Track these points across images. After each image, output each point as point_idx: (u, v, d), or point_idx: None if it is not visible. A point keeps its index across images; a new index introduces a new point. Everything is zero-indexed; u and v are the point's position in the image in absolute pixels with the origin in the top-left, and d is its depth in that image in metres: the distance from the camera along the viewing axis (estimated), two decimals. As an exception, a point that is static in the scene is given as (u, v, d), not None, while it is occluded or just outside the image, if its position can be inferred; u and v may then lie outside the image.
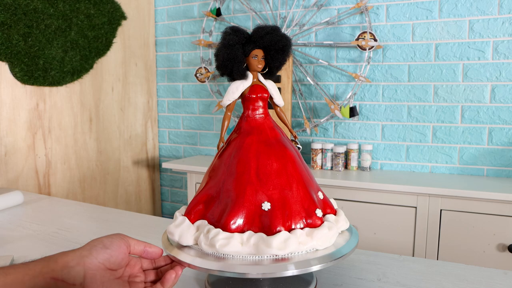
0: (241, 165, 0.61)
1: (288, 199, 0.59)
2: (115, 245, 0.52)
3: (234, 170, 0.61)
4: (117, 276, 0.52)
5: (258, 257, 0.54)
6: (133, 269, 0.55)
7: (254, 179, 0.59)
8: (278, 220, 0.57)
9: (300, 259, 0.54)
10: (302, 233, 0.56)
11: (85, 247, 0.50)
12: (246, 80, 0.65)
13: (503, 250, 1.34)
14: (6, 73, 1.52)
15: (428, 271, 0.71)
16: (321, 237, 0.57)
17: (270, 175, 0.60)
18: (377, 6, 1.73)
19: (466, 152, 1.65)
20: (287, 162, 0.62)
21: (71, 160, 1.80)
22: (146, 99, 2.23)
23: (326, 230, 0.58)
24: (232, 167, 0.61)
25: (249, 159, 0.61)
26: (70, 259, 0.48)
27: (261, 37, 0.64)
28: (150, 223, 1.04)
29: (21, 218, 1.08)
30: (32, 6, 1.55)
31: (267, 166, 0.60)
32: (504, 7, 1.54)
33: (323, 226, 0.59)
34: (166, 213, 2.39)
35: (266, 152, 0.62)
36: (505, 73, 1.56)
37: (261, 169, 0.60)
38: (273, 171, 0.60)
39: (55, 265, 0.46)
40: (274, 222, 0.56)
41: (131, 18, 2.07)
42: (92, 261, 0.48)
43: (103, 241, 0.52)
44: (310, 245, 0.56)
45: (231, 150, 0.63)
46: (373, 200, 1.51)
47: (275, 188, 0.59)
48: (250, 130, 0.65)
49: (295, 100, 1.90)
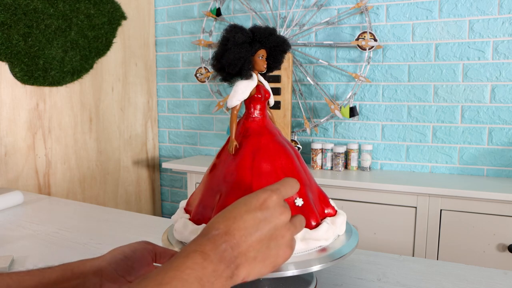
0: (267, 165, 0.61)
1: (312, 193, 0.62)
2: (137, 255, 0.48)
3: (261, 170, 0.60)
4: None
5: (307, 251, 0.57)
6: None
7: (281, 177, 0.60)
8: (312, 214, 0.59)
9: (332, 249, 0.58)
10: (330, 222, 0.60)
11: (105, 257, 0.47)
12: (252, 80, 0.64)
13: (503, 250, 1.34)
14: (6, 73, 1.52)
15: (428, 271, 0.71)
16: (341, 224, 0.62)
17: (293, 173, 0.62)
18: (377, 6, 1.73)
19: (466, 152, 1.65)
20: (299, 158, 0.65)
21: (71, 160, 1.80)
22: (146, 99, 2.23)
23: (342, 217, 0.63)
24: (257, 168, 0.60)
25: (273, 158, 0.61)
26: (88, 269, 0.45)
27: (267, 37, 0.63)
28: (150, 223, 1.04)
29: (21, 218, 1.08)
30: (32, 6, 1.55)
31: (289, 164, 0.62)
32: (504, 7, 1.54)
33: (339, 214, 0.64)
34: (166, 213, 2.39)
35: (284, 151, 0.63)
36: (505, 73, 1.56)
37: (285, 167, 0.62)
38: (294, 168, 0.62)
39: (71, 275, 0.44)
40: (309, 216, 0.59)
41: (131, 18, 2.07)
42: (110, 272, 0.46)
43: (124, 251, 0.48)
44: (335, 233, 0.61)
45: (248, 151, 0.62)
46: (373, 200, 1.51)
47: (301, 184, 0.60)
48: (260, 130, 0.64)
49: (295, 100, 1.90)
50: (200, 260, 0.36)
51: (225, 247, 0.38)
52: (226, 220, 0.40)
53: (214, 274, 0.36)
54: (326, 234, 0.58)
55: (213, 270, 0.36)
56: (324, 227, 0.58)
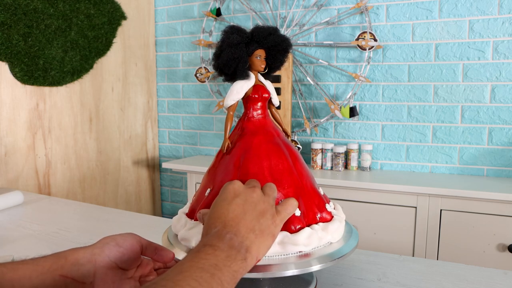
0: (254, 166, 0.60)
1: (302, 195, 0.60)
2: (128, 244, 0.50)
3: (247, 171, 0.60)
4: (128, 276, 0.50)
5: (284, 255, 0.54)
6: (144, 269, 0.53)
7: (269, 179, 0.59)
8: (297, 218, 0.57)
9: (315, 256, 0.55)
10: (319, 228, 0.58)
11: (97, 245, 0.48)
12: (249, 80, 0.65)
13: (503, 250, 1.34)
14: (6, 73, 1.52)
15: (428, 271, 0.71)
16: (335, 230, 0.59)
17: (283, 174, 0.60)
18: (377, 6, 1.73)
19: (466, 152, 1.65)
20: (295, 160, 0.63)
21: (71, 160, 1.80)
22: (146, 99, 2.23)
23: (337, 223, 0.60)
24: (245, 168, 0.61)
25: (261, 159, 0.61)
26: (81, 256, 0.46)
27: (265, 37, 0.63)
28: (150, 223, 1.04)
29: (21, 218, 1.08)
30: (32, 6, 1.55)
31: (279, 165, 0.61)
32: (504, 7, 1.54)
33: (334, 220, 0.61)
34: (166, 213, 2.39)
35: (276, 151, 0.62)
36: (505, 73, 1.56)
37: (274, 168, 0.60)
38: (285, 169, 0.61)
39: (65, 262, 0.45)
40: (294, 220, 0.56)
41: (131, 18, 2.07)
42: (103, 259, 0.47)
43: (116, 239, 0.50)
44: (326, 240, 0.58)
45: (240, 151, 0.63)
46: (373, 200, 1.51)
47: (290, 186, 0.59)
48: (255, 130, 0.64)
49: (295, 100, 1.90)
50: (211, 251, 0.41)
51: (230, 236, 0.43)
52: (218, 218, 0.46)
53: (228, 259, 0.41)
54: (307, 240, 0.55)
55: (227, 256, 0.41)
56: (306, 233, 0.55)
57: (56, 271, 0.44)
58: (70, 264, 0.45)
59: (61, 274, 0.44)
